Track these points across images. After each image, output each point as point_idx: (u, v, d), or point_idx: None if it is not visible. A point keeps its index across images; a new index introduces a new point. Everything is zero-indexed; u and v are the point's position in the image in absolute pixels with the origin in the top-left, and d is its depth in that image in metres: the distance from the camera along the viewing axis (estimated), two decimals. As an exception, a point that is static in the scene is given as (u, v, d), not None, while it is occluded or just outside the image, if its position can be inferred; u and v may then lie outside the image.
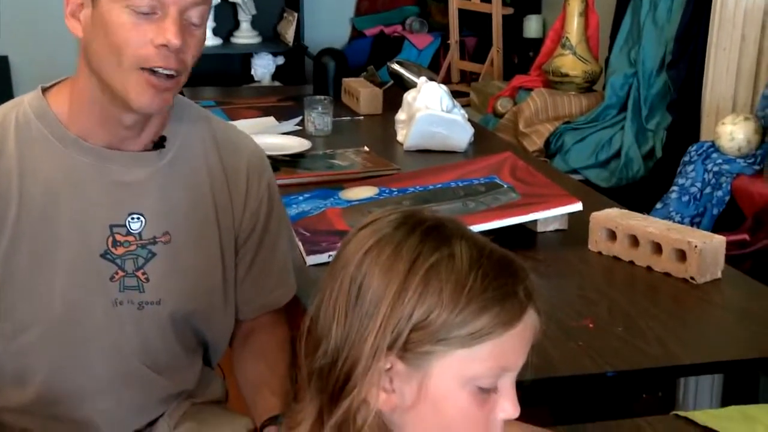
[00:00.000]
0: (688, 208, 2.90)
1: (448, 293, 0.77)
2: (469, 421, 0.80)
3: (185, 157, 1.31)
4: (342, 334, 0.79)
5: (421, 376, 0.78)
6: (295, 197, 2.10)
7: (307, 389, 0.82)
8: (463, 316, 0.77)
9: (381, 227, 0.81)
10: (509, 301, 0.78)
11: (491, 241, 0.83)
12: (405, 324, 0.77)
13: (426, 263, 0.78)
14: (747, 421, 1.23)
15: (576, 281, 1.76)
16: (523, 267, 0.82)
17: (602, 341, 1.48)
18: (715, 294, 1.68)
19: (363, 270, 0.79)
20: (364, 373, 0.77)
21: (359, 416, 0.78)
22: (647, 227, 1.78)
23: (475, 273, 0.78)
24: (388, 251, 0.79)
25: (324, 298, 0.82)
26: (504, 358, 0.79)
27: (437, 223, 0.82)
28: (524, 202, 1.94)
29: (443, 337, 0.77)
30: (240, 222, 1.36)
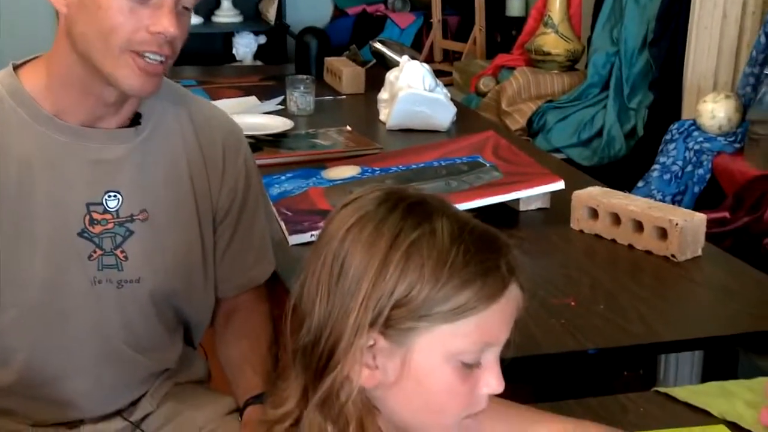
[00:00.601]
0: (670, 187, 2.92)
1: (429, 269, 0.77)
2: (452, 396, 0.80)
3: (161, 133, 1.30)
4: (325, 312, 0.79)
5: (404, 352, 0.79)
6: (278, 177, 2.10)
7: (292, 367, 0.82)
8: (444, 291, 0.77)
9: (363, 204, 0.81)
10: (491, 276, 0.78)
11: (474, 217, 0.83)
12: (386, 300, 0.77)
13: (407, 239, 0.78)
14: (726, 396, 1.24)
15: (558, 259, 1.77)
16: (506, 242, 0.82)
17: (584, 319, 1.49)
18: (696, 271, 1.70)
19: (345, 247, 0.79)
20: (347, 350, 0.78)
21: (342, 393, 0.78)
22: (629, 205, 1.79)
23: (457, 248, 0.78)
24: (369, 228, 0.79)
25: (307, 276, 0.82)
26: (487, 333, 0.79)
27: (420, 200, 0.82)
28: (506, 180, 1.94)
29: (425, 313, 0.77)
30: (218, 199, 1.36)
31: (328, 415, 0.79)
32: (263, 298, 1.45)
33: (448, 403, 0.80)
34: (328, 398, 0.79)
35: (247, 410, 1.26)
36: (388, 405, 0.81)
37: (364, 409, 0.79)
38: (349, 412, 0.78)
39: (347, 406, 0.78)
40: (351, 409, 0.78)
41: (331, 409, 0.79)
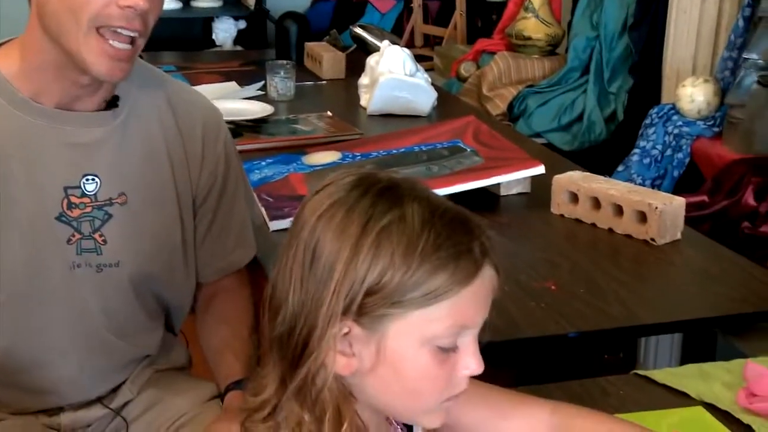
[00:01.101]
0: (649, 171, 2.93)
1: (399, 255, 0.76)
2: (430, 380, 0.80)
3: (139, 116, 1.29)
4: (298, 301, 0.79)
5: (379, 339, 0.78)
6: (258, 162, 2.09)
7: (270, 355, 0.82)
8: (416, 277, 0.76)
9: (335, 191, 0.80)
10: (463, 259, 0.78)
11: (447, 200, 0.82)
12: (358, 288, 0.76)
13: (377, 226, 0.77)
14: (704, 378, 1.25)
15: (539, 244, 1.78)
16: (478, 224, 0.81)
17: (564, 303, 1.50)
18: (675, 255, 1.71)
19: (316, 235, 0.79)
20: (320, 339, 0.77)
21: (318, 381, 0.78)
22: (609, 190, 1.80)
23: (428, 233, 0.77)
24: (340, 215, 0.78)
25: (281, 265, 0.81)
26: (462, 316, 0.79)
27: (391, 184, 0.81)
28: (487, 165, 1.94)
29: (398, 299, 0.77)
30: (197, 182, 1.35)
31: (304, 403, 0.79)
32: (244, 283, 1.45)
33: (427, 387, 0.80)
34: (304, 387, 0.78)
35: (228, 396, 1.26)
36: (366, 391, 0.81)
37: (340, 397, 0.79)
38: (325, 401, 0.78)
39: (323, 394, 0.78)
40: (327, 397, 0.78)
41: (307, 398, 0.78)
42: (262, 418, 0.81)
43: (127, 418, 1.33)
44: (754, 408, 1.16)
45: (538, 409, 0.95)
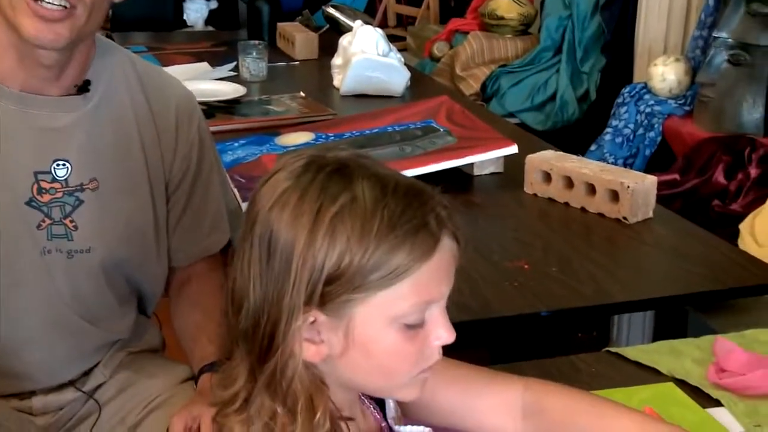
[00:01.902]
0: (622, 150, 2.95)
1: (355, 239, 0.75)
2: (402, 357, 0.80)
3: (111, 101, 1.28)
4: (260, 295, 0.78)
5: (346, 324, 0.78)
6: (231, 143, 2.08)
7: (237, 349, 0.81)
8: (374, 259, 0.76)
9: (285, 177, 0.79)
10: (420, 235, 0.77)
11: (398, 173, 0.81)
12: (318, 277, 0.75)
13: (329, 212, 0.76)
14: (675, 354, 1.26)
15: (511, 223, 1.78)
16: (432, 195, 0.80)
17: (537, 281, 1.51)
18: (647, 233, 1.72)
19: (270, 227, 0.77)
20: (286, 333, 0.76)
21: (287, 373, 0.77)
22: (581, 169, 1.80)
23: (381, 213, 0.76)
24: (291, 204, 0.77)
25: (239, 258, 0.80)
26: (426, 292, 0.78)
27: (339, 165, 0.79)
28: (460, 145, 1.94)
29: (359, 283, 0.76)
30: (170, 167, 1.34)
31: (276, 396, 0.78)
32: (217, 267, 1.44)
33: (399, 364, 0.80)
34: (274, 380, 0.78)
35: (202, 378, 1.26)
36: (340, 375, 0.81)
37: (312, 386, 0.78)
38: (296, 391, 0.77)
39: (294, 385, 0.77)
40: (298, 388, 0.77)
41: (278, 390, 0.78)
42: (234, 411, 0.80)
43: (99, 400, 1.33)
44: (724, 383, 1.18)
45: (511, 387, 0.96)
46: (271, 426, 0.78)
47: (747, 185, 2.21)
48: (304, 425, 0.77)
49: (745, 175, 2.23)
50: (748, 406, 1.14)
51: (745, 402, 1.15)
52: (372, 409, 0.90)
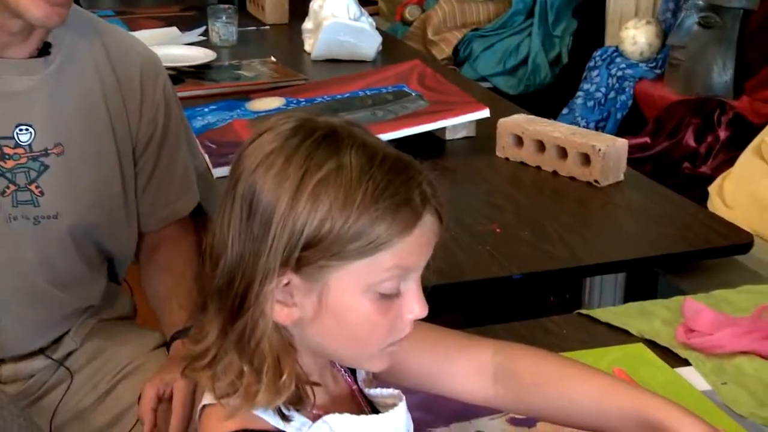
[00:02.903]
0: (593, 113, 2.96)
1: (338, 207, 0.75)
2: (374, 327, 0.80)
3: (73, 64, 1.26)
4: (237, 253, 0.77)
5: (320, 289, 0.77)
6: (201, 109, 2.06)
7: (210, 304, 0.81)
8: (355, 229, 0.75)
9: (272, 139, 0.78)
10: (403, 209, 0.77)
11: (388, 145, 0.81)
12: (296, 241, 0.75)
13: (314, 178, 0.75)
14: (644, 316, 1.28)
15: (483, 187, 1.79)
16: (419, 170, 0.80)
17: (509, 245, 1.52)
18: (618, 196, 1.73)
19: (253, 187, 0.77)
20: (259, 293, 0.76)
21: (257, 332, 0.77)
22: (553, 132, 1.81)
23: (366, 184, 0.75)
24: (277, 166, 0.76)
25: (220, 215, 0.79)
26: (403, 264, 0.78)
27: (329, 131, 0.78)
28: (432, 109, 1.94)
29: (337, 251, 0.75)
30: (137, 131, 1.33)
31: (243, 354, 0.78)
32: (188, 231, 1.44)
33: (370, 334, 0.80)
34: (243, 338, 0.77)
35: (174, 344, 1.26)
36: (309, 340, 0.81)
37: (280, 348, 0.78)
38: (264, 352, 0.77)
39: (262, 346, 0.77)
40: (267, 349, 0.77)
41: (246, 349, 0.78)
42: (202, 366, 0.81)
43: (71, 368, 1.32)
44: (692, 343, 1.19)
45: (483, 350, 0.96)
46: (237, 384, 0.78)
47: (716, 148, 2.22)
48: (269, 386, 0.77)
49: (714, 138, 2.25)
50: (715, 365, 1.16)
51: (712, 361, 1.17)
52: (343, 373, 0.90)
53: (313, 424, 0.81)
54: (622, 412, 0.88)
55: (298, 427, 0.81)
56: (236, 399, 0.78)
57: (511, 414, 1.04)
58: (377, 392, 0.91)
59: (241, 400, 0.78)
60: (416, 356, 0.92)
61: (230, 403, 0.79)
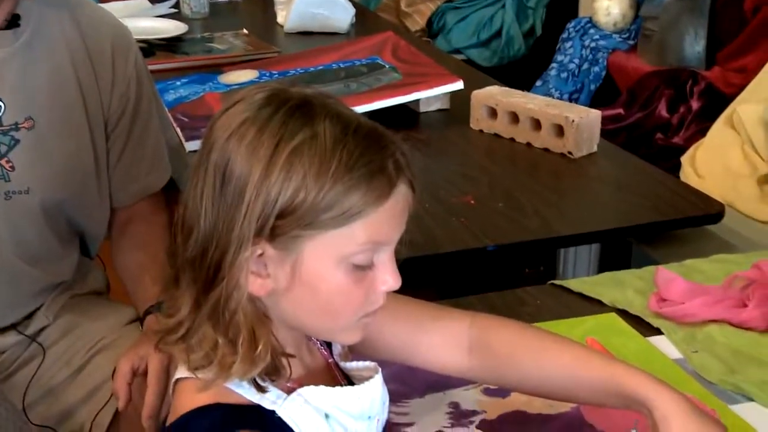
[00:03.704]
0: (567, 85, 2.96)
1: (312, 176, 0.74)
2: (347, 298, 0.80)
3: (43, 37, 1.24)
4: (210, 224, 0.77)
5: (294, 260, 0.77)
6: (173, 82, 2.04)
7: (183, 277, 0.81)
8: (329, 198, 0.75)
9: (245, 108, 0.78)
10: (377, 179, 0.77)
11: (362, 115, 0.81)
12: (270, 211, 0.75)
13: (288, 146, 0.75)
14: (617, 285, 1.29)
15: (458, 159, 1.79)
16: (393, 140, 0.80)
17: (483, 217, 1.52)
18: (591, 167, 1.74)
19: (226, 156, 0.76)
20: (233, 263, 0.76)
21: (231, 304, 0.77)
22: (527, 104, 1.81)
23: (340, 152, 0.75)
24: (250, 135, 0.76)
25: (192, 186, 0.79)
26: (377, 234, 0.78)
27: (302, 101, 0.78)
28: (406, 82, 1.93)
29: (311, 220, 0.75)
30: (109, 105, 1.31)
31: (218, 326, 0.78)
32: (160, 207, 1.43)
33: (343, 306, 0.80)
34: (217, 310, 0.77)
35: (147, 319, 1.25)
36: (283, 311, 0.81)
37: (254, 319, 0.78)
38: (239, 323, 0.77)
39: (237, 317, 0.77)
40: (241, 320, 0.77)
41: (221, 321, 0.77)
42: (176, 339, 0.80)
43: (43, 344, 1.31)
44: (664, 312, 1.20)
45: (458, 321, 0.96)
46: (212, 356, 0.78)
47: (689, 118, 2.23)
48: (244, 357, 0.77)
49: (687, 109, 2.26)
50: (686, 334, 1.17)
51: (684, 329, 1.18)
52: (319, 346, 0.90)
53: (288, 397, 0.81)
54: (594, 383, 0.89)
55: (273, 399, 0.81)
56: (211, 371, 0.78)
57: (485, 384, 1.05)
58: (353, 365, 0.91)
59: (216, 371, 0.78)
60: (391, 328, 0.93)
61: (205, 375, 0.79)
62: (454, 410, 1.02)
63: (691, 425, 0.84)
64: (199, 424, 0.78)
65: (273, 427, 0.79)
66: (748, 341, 1.16)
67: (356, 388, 0.86)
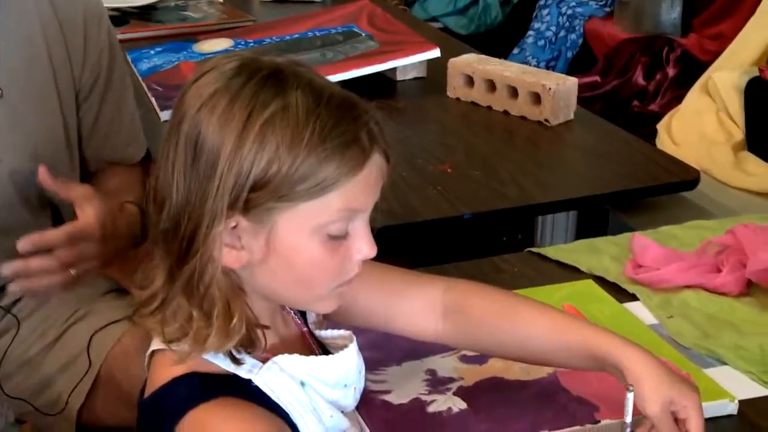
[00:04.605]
0: (544, 52, 2.96)
1: (285, 148, 0.74)
2: (322, 269, 0.79)
3: (13, 8, 1.22)
4: (182, 197, 0.76)
5: (268, 231, 0.77)
6: (147, 51, 2.02)
7: (156, 250, 0.80)
8: (302, 169, 0.74)
9: (215, 79, 0.76)
10: (351, 149, 0.76)
11: (334, 84, 0.80)
12: (243, 183, 0.74)
13: (260, 118, 0.74)
14: (594, 252, 1.29)
15: (435, 128, 1.78)
16: (366, 109, 0.79)
17: (460, 185, 1.52)
18: (568, 135, 1.74)
19: (198, 128, 0.75)
20: (206, 236, 0.75)
21: (206, 277, 0.76)
22: (504, 72, 1.81)
23: (313, 123, 0.74)
24: (221, 106, 0.75)
25: (163, 157, 0.77)
26: (351, 204, 0.77)
27: (274, 70, 0.77)
28: (382, 50, 1.92)
29: (285, 192, 0.75)
30: (80, 76, 1.29)
31: (192, 299, 0.77)
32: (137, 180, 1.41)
33: (319, 276, 0.80)
34: (191, 283, 0.77)
35: None
36: (258, 282, 0.80)
37: (229, 291, 0.78)
38: (214, 296, 0.77)
39: (212, 290, 0.77)
40: (216, 293, 0.77)
41: (195, 294, 0.77)
42: (150, 312, 0.80)
43: (18, 315, 1.30)
44: (640, 278, 1.21)
45: (433, 287, 0.96)
46: (186, 329, 0.78)
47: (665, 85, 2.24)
48: (219, 330, 0.77)
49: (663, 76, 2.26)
50: (662, 299, 1.18)
51: (659, 295, 1.19)
52: (293, 315, 0.90)
53: (263, 366, 0.81)
54: (570, 347, 0.90)
55: (248, 368, 0.81)
56: (186, 343, 0.78)
57: (462, 351, 1.05)
58: (328, 334, 0.91)
59: (191, 344, 0.78)
60: (366, 295, 0.93)
61: (180, 347, 0.78)
62: (432, 377, 1.02)
63: (662, 386, 0.85)
64: (178, 392, 0.78)
65: (250, 394, 0.79)
66: (722, 306, 1.17)
67: (330, 358, 0.86)
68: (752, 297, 1.19)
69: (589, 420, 0.94)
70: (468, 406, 0.97)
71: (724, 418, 0.97)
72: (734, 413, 0.98)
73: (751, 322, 1.13)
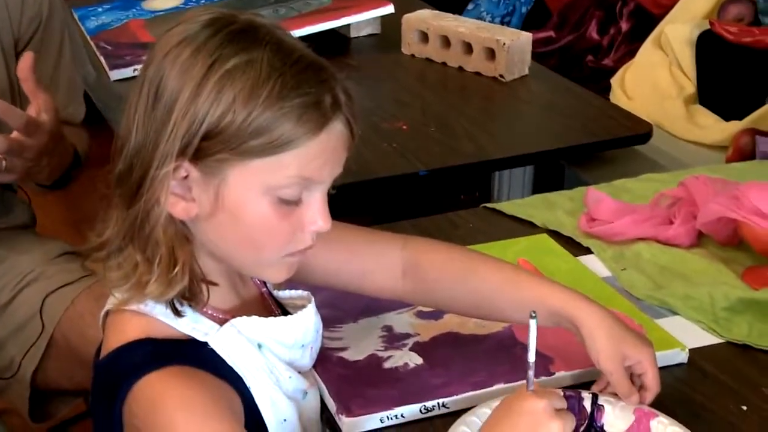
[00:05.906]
0: (498, 8, 2.94)
1: (241, 100, 0.74)
2: (271, 232, 0.79)
3: None
4: (139, 140, 0.76)
5: (218, 184, 0.77)
6: (94, 9, 1.98)
7: (114, 196, 0.79)
8: (256, 124, 0.74)
9: (186, 29, 0.77)
10: (310, 111, 0.75)
11: (306, 47, 0.79)
12: (197, 130, 0.74)
13: (222, 68, 0.74)
14: (548, 207, 1.30)
15: (390, 85, 1.77)
16: (334, 75, 0.78)
17: (416, 142, 1.52)
18: (523, 90, 1.74)
19: (161, 73, 0.76)
20: (154, 179, 0.75)
21: (151, 219, 0.77)
22: (458, 27, 1.80)
23: (274, 81, 0.74)
24: (186, 53, 0.75)
25: (128, 103, 0.79)
26: (306, 169, 0.77)
27: (247, 26, 0.77)
28: (336, 6, 1.90)
29: (236, 145, 0.74)
30: (18, 27, 1.27)
31: (137, 243, 0.78)
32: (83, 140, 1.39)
33: (267, 239, 0.79)
34: (135, 224, 0.77)
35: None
36: (206, 238, 0.80)
37: (175, 239, 0.78)
38: (158, 241, 0.77)
39: (156, 233, 0.77)
40: (160, 238, 0.77)
41: (139, 238, 0.77)
42: (101, 258, 0.80)
43: (-32, 280, 1.28)
44: (594, 231, 1.22)
45: (391, 245, 0.97)
46: (131, 276, 0.78)
47: (618, 40, 2.24)
48: (160, 276, 0.77)
49: (617, 30, 2.26)
50: (615, 252, 1.19)
51: (612, 248, 1.20)
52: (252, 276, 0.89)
53: (221, 328, 0.81)
54: (524, 302, 0.91)
55: (205, 331, 0.80)
56: (127, 289, 0.78)
57: (418, 308, 1.06)
58: (287, 294, 0.91)
59: (131, 290, 0.78)
60: (325, 253, 0.92)
61: (122, 294, 0.79)
62: (388, 333, 1.03)
63: (615, 338, 0.87)
64: (129, 360, 0.78)
65: (204, 360, 0.79)
66: (674, 257, 1.19)
67: (289, 319, 0.86)
68: (702, 248, 1.21)
69: (543, 373, 0.95)
70: (424, 361, 0.98)
71: (675, 366, 0.99)
72: (684, 362, 1.00)
73: (701, 273, 1.15)
